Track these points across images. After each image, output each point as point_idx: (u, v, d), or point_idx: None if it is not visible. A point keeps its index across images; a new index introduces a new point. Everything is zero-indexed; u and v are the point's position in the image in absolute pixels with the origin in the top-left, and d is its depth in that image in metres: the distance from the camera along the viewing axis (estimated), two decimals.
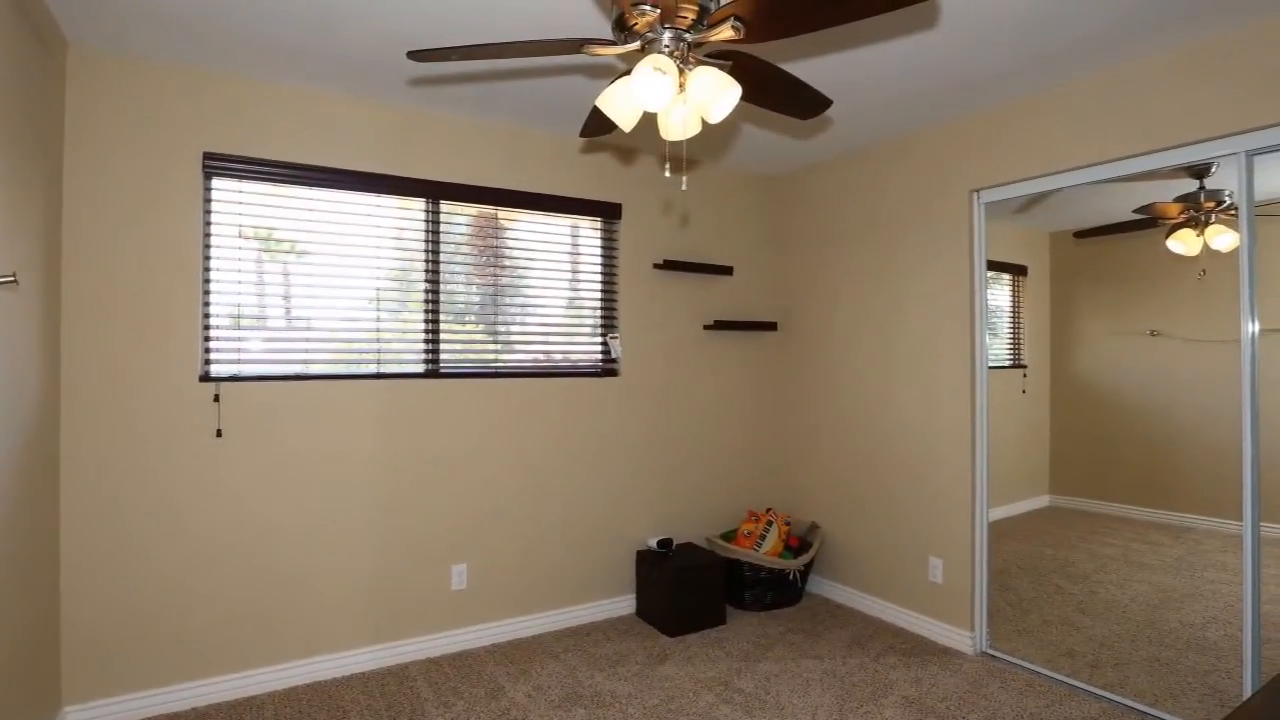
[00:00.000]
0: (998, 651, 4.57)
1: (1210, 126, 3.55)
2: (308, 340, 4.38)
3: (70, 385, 3.76)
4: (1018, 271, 4.63)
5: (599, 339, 5.42)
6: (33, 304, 3.29)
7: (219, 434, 4.10)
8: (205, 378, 4.07)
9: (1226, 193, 3.60)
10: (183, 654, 4.02)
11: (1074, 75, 4.06)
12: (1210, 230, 3.66)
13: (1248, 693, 3.51)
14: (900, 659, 4.60)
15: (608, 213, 5.38)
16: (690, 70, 2.46)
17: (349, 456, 4.46)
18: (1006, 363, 4.65)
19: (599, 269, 5.45)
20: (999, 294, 4.69)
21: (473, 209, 4.91)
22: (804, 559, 5.47)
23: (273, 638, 4.25)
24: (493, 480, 4.94)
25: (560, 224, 5.27)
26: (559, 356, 5.27)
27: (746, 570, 5.42)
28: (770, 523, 5.63)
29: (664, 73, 2.33)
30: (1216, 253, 3.64)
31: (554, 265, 5.24)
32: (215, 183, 4.13)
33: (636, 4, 2.30)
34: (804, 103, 3.05)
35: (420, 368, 4.72)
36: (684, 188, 5.79)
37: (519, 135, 5.04)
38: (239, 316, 4.19)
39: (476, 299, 4.93)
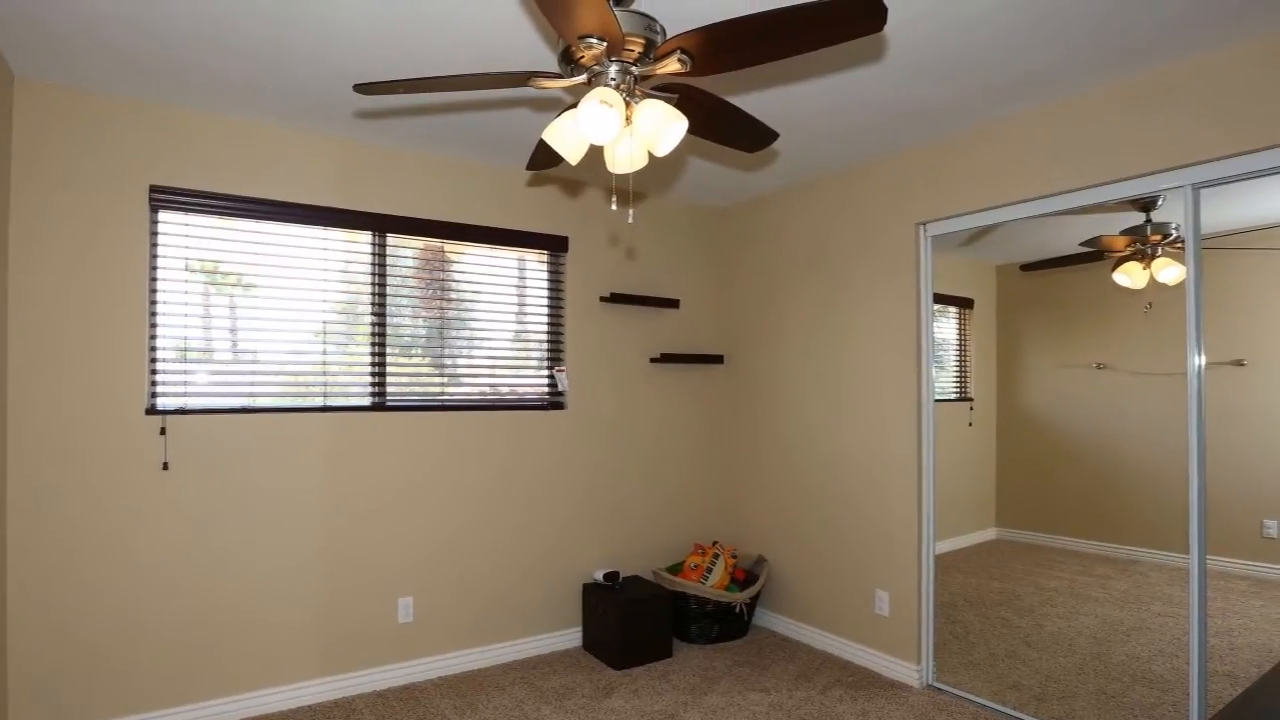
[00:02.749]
0: (944, 685, 4.57)
1: (1157, 160, 3.60)
2: (254, 373, 4.33)
3: (16, 418, 3.71)
4: (964, 304, 4.66)
5: (546, 372, 5.37)
6: None
7: (165, 467, 4.06)
8: (152, 410, 4.03)
9: (1173, 225, 3.63)
10: (130, 687, 3.99)
11: (1021, 108, 4.12)
12: (1156, 263, 3.70)
13: None
14: (847, 692, 4.58)
15: (554, 246, 5.35)
16: (637, 103, 2.44)
17: (295, 489, 4.39)
18: (953, 395, 4.68)
19: (546, 302, 5.41)
20: (945, 326, 4.72)
21: (419, 242, 4.87)
22: (750, 592, 5.44)
23: (219, 670, 4.20)
24: (439, 513, 4.86)
25: (507, 257, 5.23)
26: (506, 390, 5.21)
27: (693, 603, 5.37)
28: (717, 555, 5.60)
29: (610, 106, 2.31)
30: (1163, 285, 3.68)
31: (501, 298, 5.19)
32: (162, 215, 4.10)
33: (583, 37, 2.28)
34: (751, 135, 3.06)
35: (366, 400, 4.65)
36: (631, 220, 5.79)
37: (466, 168, 5.01)
38: (185, 349, 4.16)
39: (423, 332, 4.87)
